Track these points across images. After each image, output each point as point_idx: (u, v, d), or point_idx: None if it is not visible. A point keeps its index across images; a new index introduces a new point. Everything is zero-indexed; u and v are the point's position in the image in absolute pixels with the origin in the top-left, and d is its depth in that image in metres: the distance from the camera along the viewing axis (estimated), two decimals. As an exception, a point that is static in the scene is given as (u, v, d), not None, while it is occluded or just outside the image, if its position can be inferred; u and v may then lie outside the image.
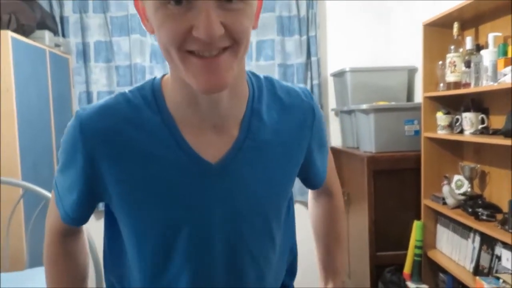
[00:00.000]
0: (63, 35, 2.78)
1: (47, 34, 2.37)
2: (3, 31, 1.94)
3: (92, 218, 0.79)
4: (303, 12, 2.94)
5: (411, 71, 2.76)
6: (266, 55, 2.96)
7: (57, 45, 2.56)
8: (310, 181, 0.90)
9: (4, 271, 1.87)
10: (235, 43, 0.57)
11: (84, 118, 0.67)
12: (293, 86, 0.80)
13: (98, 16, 2.82)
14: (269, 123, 0.74)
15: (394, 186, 2.36)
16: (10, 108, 1.95)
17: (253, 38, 2.94)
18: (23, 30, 2.12)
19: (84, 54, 2.81)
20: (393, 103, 2.52)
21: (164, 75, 0.72)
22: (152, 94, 0.69)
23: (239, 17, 0.56)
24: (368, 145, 2.46)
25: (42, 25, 2.39)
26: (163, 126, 0.67)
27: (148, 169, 0.67)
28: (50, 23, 2.54)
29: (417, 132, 2.40)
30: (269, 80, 0.78)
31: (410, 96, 2.80)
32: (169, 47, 0.57)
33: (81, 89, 2.82)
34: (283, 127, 0.75)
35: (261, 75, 0.78)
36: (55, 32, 2.66)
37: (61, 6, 2.78)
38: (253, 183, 0.72)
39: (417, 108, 2.36)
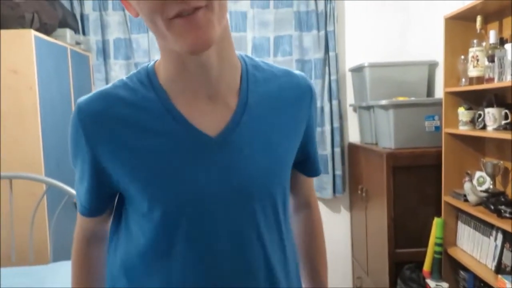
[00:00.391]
0: (84, 33, 2.82)
1: (68, 32, 2.41)
2: (26, 30, 1.98)
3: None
4: (321, 7, 2.92)
5: (432, 66, 2.71)
6: (284, 50, 2.95)
7: (78, 43, 2.60)
8: (309, 165, 0.89)
9: (29, 264, 1.93)
10: (208, 1, 0.60)
11: (82, 105, 0.70)
12: (290, 69, 0.83)
13: (117, 13, 2.85)
14: (268, 95, 0.75)
15: (414, 182, 2.34)
16: (33, 105, 1.99)
17: (271, 33, 2.93)
18: (46, 28, 2.16)
19: (104, 51, 2.85)
20: (413, 98, 2.49)
21: (157, 60, 0.74)
22: (146, 75, 0.72)
23: None
24: (388, 141, 2.43)
25: (63, 24, 2.44)
26: (157, 102, 0.69)
27: (146, 144, 0.69)
28: (71, 21, 2.59)
29: (438, 128, 2.37)
30: (265, 61, 0.81)
31: (430, 91, 2.76)
32: (154, 17, 0.60)
33: (101, 86, 2.86)
34: (282, 100, 0.76)
35: (257, 58, 0.81)
36: (76, 30, 2.70)
37: (81, 4, 2.82)
38: (254, 155, 0.72)
39: (437, 103, 2.32)
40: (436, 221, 2.16)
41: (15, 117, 1.99)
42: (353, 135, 3.11)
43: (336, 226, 3.15)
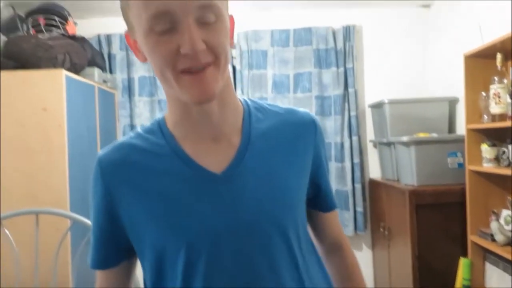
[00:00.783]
0: (111, 71, 2.93)
1: (96, 71, 2.51)
2: (58, 70, 2.07)
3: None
4: (340, 45, 2.98)
5: (452, 102, 2.70)
6: (303, 87, 3.00)
7: (104, 81, 2.70)
8: (322, 199, 0.88)
9: (51, 299, 1.93)
10: (215, 58, 0.66)
11: (101, 156, 0.77)
12: (294, 107, 0.86)
13: (142, 52, 2.96)
14: (270, 133, 0.78)
15: (438, 220, 2.29)
16: (61, 142, 2.06)
17: (290, 71, 2.99)
18: (75, 68, 2.26)
19: (129, 88, 2.95)
20: (434, 135, 2.47)
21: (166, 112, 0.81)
22: (157, 124, 0.79)
23: (216, 34, 0.66)
24: (410, 178, 2.41)
25: (92, 63, 2.55)
26: (166, 146, 0.75)
27: (157, 185, 0.73)
28: (99, 60, 2.70)
29: (461, 165, 2.34)
30: (269, 103, 0.85)
31: (452, 127, 2.74)
32: (165, 70, 0.66)
33: (126, 122, 2.94)
34: (285, 135, 0.79)
35: (260, 101, 0.85)
36: (103, 69, 2.81)
37: (109, 44, 2.95)
38: (260, 189, 0.74)
39: (460, 140, 2.30)
40: (463, 262, 2.10)
41: (43, 153, 2.05)
42: (374, 171, 3.09)
43: (357, 264, 3.06)
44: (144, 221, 0.73)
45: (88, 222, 1.93)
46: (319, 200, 0.88)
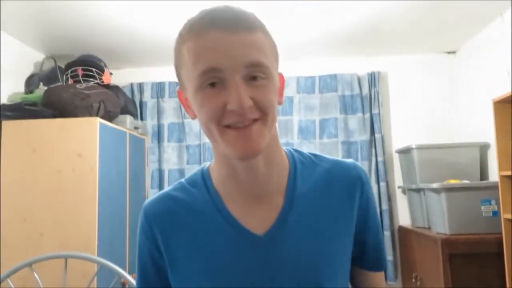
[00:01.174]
0: (141, 118, 3.04)
1: (128, 118, 2.62)
2: (93, 118, 2.17)
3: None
4: (365, 91, 3.01)
5: (483, 148, 2.65)
6: (329, 132, 3.01)
7: (135, 127, 2.80)
8: (367, 257, 0.84)
9: None
10: (263, 114, 0.66)
11: (147, 207, 0.79)
12: (340, 159, 0.82)
13: (172, 100, 3.08)
14: (314, 191, 0.76)
15: (473, 271, 2.17)
16: (92, 186, 2.12)
17: (316, 117, 3.02)
18: (109, 115, 2.37)
19: (158, 134, 3.04)
20: (465, 181, 2.41)
21: (212, 162, 0.81)
22: (201, 177, 0.79)
23: (264, 92, 0.66)
24: (441, 226, 2.33)
25: (124, 110, 2.66)
26: (210, 203, 0.75)
27: (198, 242, 0.74)
28: (131, 107, 2.82)
29: (496, 213, 2.25)
30: (312, 153, 0.83)
31: (484, 173, 2.66)
32: (210, 124, 0.66)
33: (154, 167, 3.01)
34: (329, 195, 0.77)
35: (305, 150, 0.83)
36: (135, 116, 2.93)
37: (141, 92, 3.08)
38: (302, 251, 0.73)
39: (493, 186, 2.23)
40: (503, 317, 1.97)
41: (76, 198, 2.11)
42: (403, 218, 3.00)
43: (389, 317, 2.93)
44: (185, 274, 0.74)
45: (115, 266, 1.94)
46: (364, 258, 0.83)
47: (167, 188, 0.82)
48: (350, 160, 0.83)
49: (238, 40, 0.64)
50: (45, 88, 2.40)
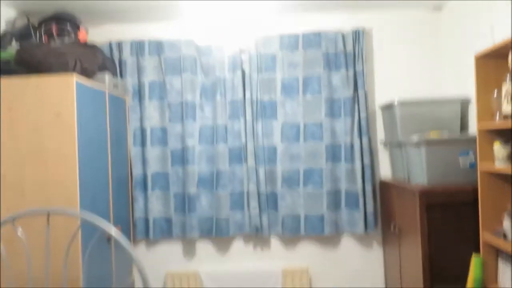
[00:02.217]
0: (121, 77, 2.99)
1: (107, 76, 2.56)
2: (69, 76, 2.12)
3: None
4: (349, 48, 2.97)
5: (464, 102, 2.67)
6: (312, 89, 3.00)
7: (115, 86, 2.75)
8: None
9: (62, 298, 1.96)
10: None
11: None
12: None
13: (152, 58, 3.02)
14: None
15: (450, 220, 2.25)
16: (72, 145, 2.10)
17: (299, 74, 2.99)
18: (87, 73, 2.31)
19: (139, 93, 3.00)
20: (445, 134, 2.44)
21: None
22: None
23: None
24: (420, 178, 2.38)
25: (103, 68, 2.59)
26: None
27: None
28: (110, 66, 2.75)
29: (473, 165, 2.30)
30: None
31: (463, 127, 2.70)
32: None
33: (136, 125, 2.99)
34: None
35: None
36: (114, 74, 2.87)
37: (120, 50, 3.00)
38: None
39: (471, 139, 2.27)
40: (475, 261, 2.06)
41: (55, 156, 2.10)
42: (384, 172, 3.06)
43: (369, 263, 3.06)
44: None
45: (97, 221, 1.95)
46: None
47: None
48: None
49: None
50: (18, 45, 2.32)
